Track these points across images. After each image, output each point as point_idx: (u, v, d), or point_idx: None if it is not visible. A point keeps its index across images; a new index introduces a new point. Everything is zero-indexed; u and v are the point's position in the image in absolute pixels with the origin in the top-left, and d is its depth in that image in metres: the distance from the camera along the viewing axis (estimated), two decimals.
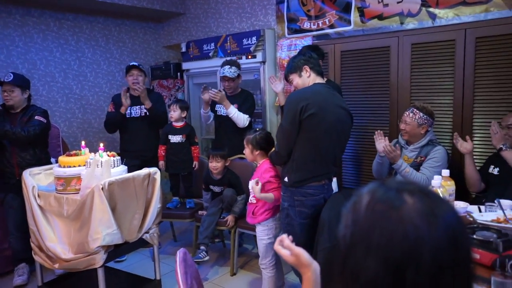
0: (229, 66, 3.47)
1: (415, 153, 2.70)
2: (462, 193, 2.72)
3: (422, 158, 2.64)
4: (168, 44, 5.33)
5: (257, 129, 2.75)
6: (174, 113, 3.53)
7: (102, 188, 2.28)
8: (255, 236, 2.93)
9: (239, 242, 3.56)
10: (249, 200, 2.76)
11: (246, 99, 3.59)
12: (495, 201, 1.99)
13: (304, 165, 2.28)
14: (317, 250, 2.23)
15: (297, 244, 2.37)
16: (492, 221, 1.82)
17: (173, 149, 3.56)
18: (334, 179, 2.47)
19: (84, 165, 2.47)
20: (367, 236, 0.64)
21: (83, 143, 2.74)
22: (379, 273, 0.61)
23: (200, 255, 3.10)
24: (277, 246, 1.19)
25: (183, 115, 3.58)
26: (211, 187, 3.37)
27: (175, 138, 3.55)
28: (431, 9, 3.02)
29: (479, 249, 1.45)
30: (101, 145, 2.54)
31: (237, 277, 3.22)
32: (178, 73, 4.97)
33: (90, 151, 2.65)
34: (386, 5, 3.22)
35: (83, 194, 2.33)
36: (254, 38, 4.03)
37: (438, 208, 0.64)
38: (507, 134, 2.50)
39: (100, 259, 2.34)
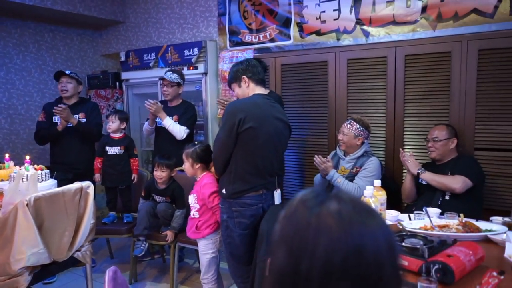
0: (171, 72, 3.44)
1: (351, 164, 2.80)
2: (394, 202, 2.86)
3: (358, 169, 2.74)
4: (107, 53, 5.14)
5: (196, 142, 2.71)
6: (113, 124, 3.39)
7: (27, 204, 2.11)
8: (196, 250, 2.86)
9: (179, 257, 3.46)
10: (191, 214, 2.70)
11: (186, 110, 3.53)
12: (423, 209, 2.12)
13: (241, 177, 2.28)
14: (256, 262, 2.22)
15: (238, 255, 2.37)
16: (420, 228, 1.93)
17: (110, 161, 3.40)
18: (278, 191, 2.47)
19: (7, 180, 2.28)
20: (283, 228, 0.67)
21: (7, 155, 2.54)
22: (283, 262, 0.63)
23: (141, 247, 2.99)
24: None
25: (122, 127, 3.45)
26: (154, 196, 3.25)
27: (112, 150, 3.40)
28: (364, 27, 3.18)
29: (407, 256, 1.51)
30: (27, 157, 2.37)
31: None
32: (117, 83, 4.81)
33: (18, 164, 2.46)
34: (324, 21, 3.35)
35: (5, 211, 2.14)
36: (195, 49, 4.00)
37: (359, 219, 0.63)
38: (432, 146, 2.67)
39: (24, 281, 2.15)
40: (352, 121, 2.82)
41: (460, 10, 2.80)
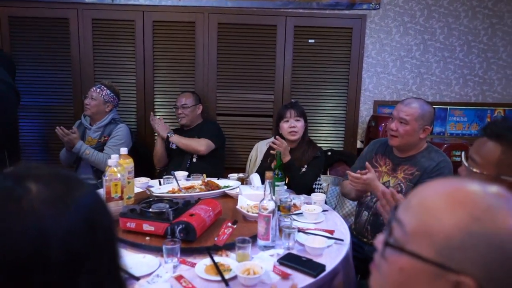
0: None
1: (98, 133, 2.63)
2: (148, 169, 2.88)
3: (106, 138, 2.60)
4: None
5: None
6: None
7: None
8: None
9: None
10: None
11: None
12: (172, 173, 2.19)
13: None
14: None
15: None
16: (168, 192, 1.98)
17: None
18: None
19: None
20: None
21: None
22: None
23: None
24: None
25: None
26: None
27: None
28: None
29: (154, 221, 1.52)
30: None
31: None
32: None
33: None
34: None
35: None
36: None
37: (70, 191, 0.56)
38: (182, 113, 2.77)
39: None
40: (102, 86, 2.65)
41: None
